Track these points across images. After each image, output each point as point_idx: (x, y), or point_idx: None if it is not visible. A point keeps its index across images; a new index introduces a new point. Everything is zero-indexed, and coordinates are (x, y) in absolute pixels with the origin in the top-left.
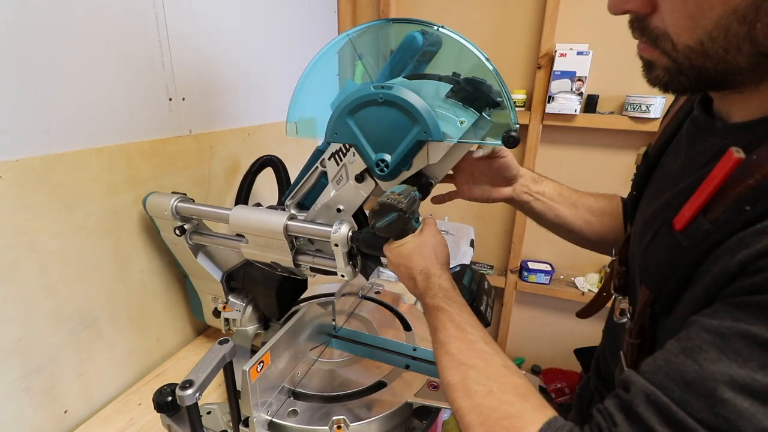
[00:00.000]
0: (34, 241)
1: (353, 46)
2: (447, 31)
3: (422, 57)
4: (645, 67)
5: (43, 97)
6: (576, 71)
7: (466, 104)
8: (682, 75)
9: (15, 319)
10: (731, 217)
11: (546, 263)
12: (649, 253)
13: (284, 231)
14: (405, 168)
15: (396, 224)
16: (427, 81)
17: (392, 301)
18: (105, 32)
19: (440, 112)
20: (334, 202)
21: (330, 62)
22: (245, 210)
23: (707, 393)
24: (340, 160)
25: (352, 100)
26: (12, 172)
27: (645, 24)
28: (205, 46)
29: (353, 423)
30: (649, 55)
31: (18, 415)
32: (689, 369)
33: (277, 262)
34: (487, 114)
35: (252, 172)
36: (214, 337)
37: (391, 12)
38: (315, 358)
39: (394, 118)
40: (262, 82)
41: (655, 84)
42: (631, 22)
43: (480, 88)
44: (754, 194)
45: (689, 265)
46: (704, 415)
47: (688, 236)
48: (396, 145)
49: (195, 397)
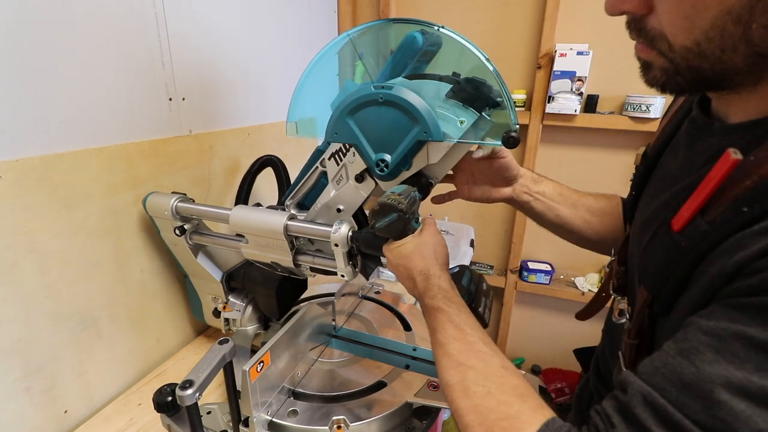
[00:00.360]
0: (34, 241)
1: (353, 46)
2: (447, 32)
3: (422, 57)
4: (642, 68)
5: (43, 97)
6: (576, 71)
7: (466, 104)
8: (679, 75)
9: (15, 319)
10: (729, 218)
11: (546, 263)
12: (648, 254)
13: (284, 231)
14: (405, 168)
15: (396, 225)
16: (428, 81)
17: (392, 301)
18: (105, 32)
19: (440, 112)
20: (334, 202)
21: (330, 62)
22: (245, 210)
23: (704, 395)
24: (340, 160)
25: (353, 100)
26: (12, 172)
27: (642, 25)
28: (205, 46)
29: (353, 423)
30: (646, 56)
31: (18, 415)
32: (686, 371)
33: (277, 262)
34: (487, 114)
35: (252, 172)
36: (214, 337)
37: (391, 12)
38: (315, 358)
39: (394, 118)
40: (262, 82)
41: (652, 84)
42: (628, 23)
43: (480, 88)
44: (752, 195)
45: (687, 266)
46: (701, 416)
47: (686, 237)
48: (396, 145)
49: (195, 397)
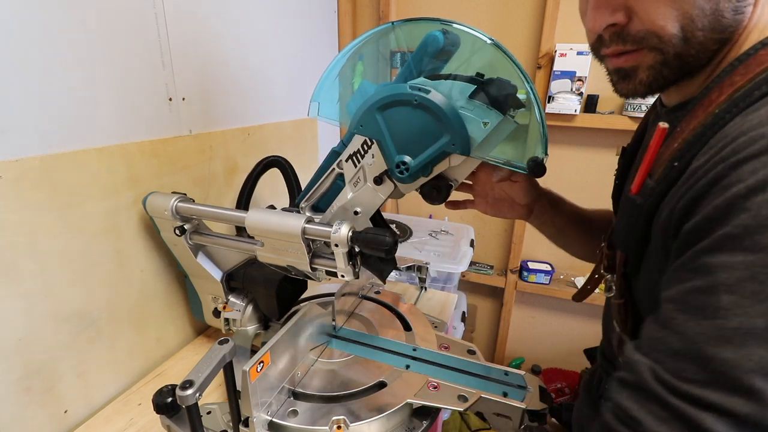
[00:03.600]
0: (34, 241)
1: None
2: (481, 36)
3: (441, 56)
4: (621, 80)
5: (44, 97)
6: (576, 71)
7: (490, 105)
8: (666, 67)
9: (15, 319)
10: (666, 173)
11: (546, 263)
12: (618, 220)
13: (302, 234)
14: (424, 174)
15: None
16: (450, 81)
17: (392, 301)
18: (105, 32)
19: (464, 113)
20: (352, 205)
21: (369, 50)
22: (262, 213)
23: (694, 356)
24: (358, 161)
25: (385, 96)
26: (12, 172)
27: (625, 33)
28: (205, 46)
29: (353, 423)
30: (633, 62)
31: (18, 415)
32: (671, 339)
33: (294, 265)
34: (511, 115)
35: (256, 173)
36: (214, 337)
37: (392, 12)
38: (315, 358)
39: (424, 123)
40: (262, 82)
41: (633, 93)
42: (607, 39)
43: (505, 89)
44: (680, 154)
45: (645, 221)
46: (701, 376)
47: (640, 196)
48: (420, 149)
49: (195, 398)
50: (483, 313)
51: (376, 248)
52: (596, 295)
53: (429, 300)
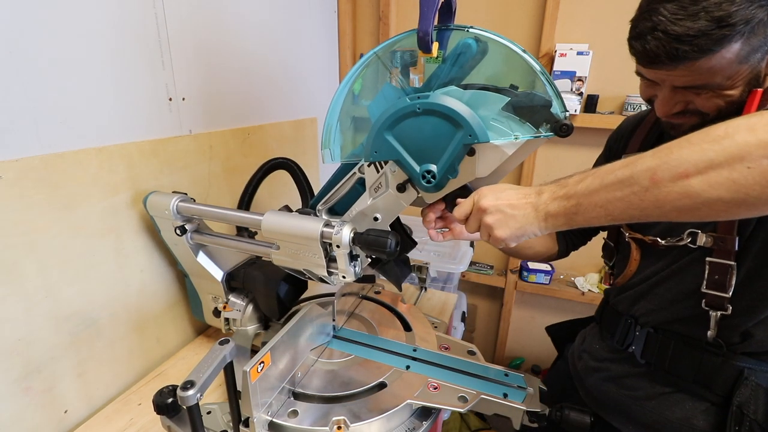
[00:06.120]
0: (34, 241)
1: (381, 61)
2: (508, 43)
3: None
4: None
5: (44, 97)
6: (576, 71)
7: (522, 119)
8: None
9: (15, 319)
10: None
11: (546, 263)
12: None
13: (320, 238)
14: (452, 176)
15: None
16: (482, 92)
17: (392, 301)
18: (105, 32)
19: (495, 125)
20: (371, 210)
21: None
22: (278, 215)
23: None
24: (380, 167)
25: (389, 115)
26: (12, 172)
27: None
28: (205, 46)
29: (353, 423)
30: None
31: (18, 415)
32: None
33: (310, 269)
34: (545, 129)
35: (262, 174)
36: (214, 337)
37: (391, 12)
38: (315, 358)
39: (435, 126)
40: (262, 83)
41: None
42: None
43: (538, 102)
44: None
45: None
46: None
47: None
48: (440, 153)
49: (196, 398)
50: (483, 313)
51: (377, 250)
52: (596, 295)
53: (429, 300)
